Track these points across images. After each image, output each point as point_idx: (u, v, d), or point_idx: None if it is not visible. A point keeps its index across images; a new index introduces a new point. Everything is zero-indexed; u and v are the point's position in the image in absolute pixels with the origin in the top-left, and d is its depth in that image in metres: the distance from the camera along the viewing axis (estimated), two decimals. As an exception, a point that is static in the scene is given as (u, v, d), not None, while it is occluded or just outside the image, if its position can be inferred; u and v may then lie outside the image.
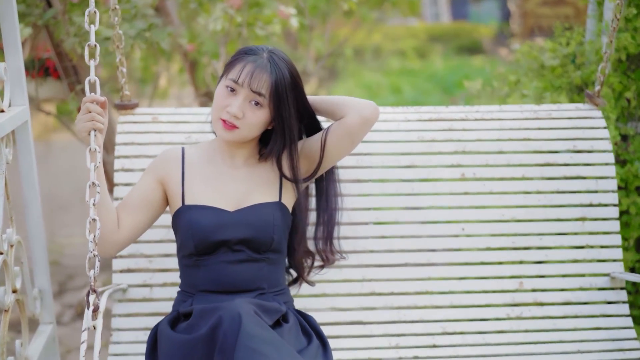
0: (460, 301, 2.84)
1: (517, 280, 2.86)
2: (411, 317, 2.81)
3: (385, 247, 2.85)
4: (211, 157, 2.43)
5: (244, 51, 2.35)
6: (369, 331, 2.78)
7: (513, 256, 2.88)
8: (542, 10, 5.81)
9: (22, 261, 2.67)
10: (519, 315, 2.83)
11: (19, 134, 2.69)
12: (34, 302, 2.80)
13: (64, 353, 3.97)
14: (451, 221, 2.89)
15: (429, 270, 2.85)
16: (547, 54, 3.57)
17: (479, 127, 2.98)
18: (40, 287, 2.85)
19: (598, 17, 3.53)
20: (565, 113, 3.04)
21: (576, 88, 3.40)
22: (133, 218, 2.35)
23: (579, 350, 2.76)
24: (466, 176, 2.91)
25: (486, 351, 2.76)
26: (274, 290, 2.36)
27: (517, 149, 2.95)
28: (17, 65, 2.66)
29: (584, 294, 2.86)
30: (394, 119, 2.99)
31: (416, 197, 2.89)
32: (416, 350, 2.75)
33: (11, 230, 2.50)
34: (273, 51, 2.35)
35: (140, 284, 2.77)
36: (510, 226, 2.89)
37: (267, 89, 2.29)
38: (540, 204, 2.91)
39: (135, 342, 2.71)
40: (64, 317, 4.54)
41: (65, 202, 6.88)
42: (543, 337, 2.80)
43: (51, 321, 2.90)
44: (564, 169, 2.94)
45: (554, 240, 2.89)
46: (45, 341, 2.79)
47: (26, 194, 2.77)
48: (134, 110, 2.95)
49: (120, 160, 2.84)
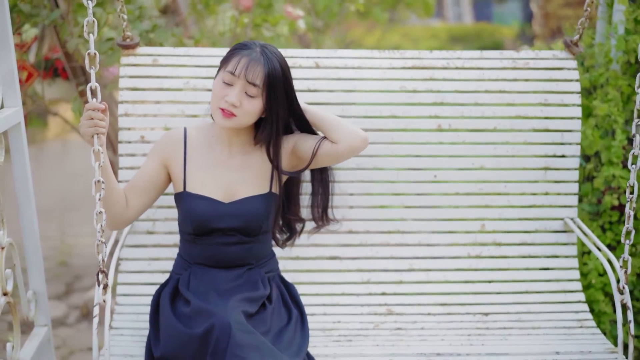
0: (427, 240, 3.16)
1: (480, 223, 3.18)
2: (382, 254, 3.15)
3: (364, 190, 3.14)
4: (210, 143, 2.66)
5: (238, 46, 2.54)
6: (344, 266, 3.13)
7: (478, 201, 3.17)
8: (564, 12, 5.59)
9: (15, 263, 2.72)
10: (478, 255, 3.17)
11: (12, 135, 2.76)
12: (28, 304, 2.86)
13: (67, 355, 4.12)
14: (425, 168, 3.15)
15: (401, 212, 3.16)
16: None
17: (459, 76, 3.17)
18: (34, 289, 2.92)
19: (607, 20, 3.56)
20: (541, 62, 3.21)
21: (584, 91, 3.46)
22: (140, 198, 2.62)
23: (527, 290, 3.13)
24: (442, 127, 3.14)
25: (447, 289, 3.12)
26: (261, 262, 2.68)
27: (492, 101, 3.16)
28: (10, 67, 2.70)
29: (539, 236, 3.19)
30: (380, 65, 3.16)
31: (394, 145, 3.13)
32: (384, 286, 3.12)
33: (1, 233, 2.56)
34: (265, 46, 2.54)
35: (144, 218, 3.07)
36: (479, 174, 3.16)
37: (260, 80, 2.49)
38: (508, 154, 3.17)
39: (140, 271, 3.05)
40: (69, 318, 4.61)
41: (78, 202, 6.84)
42: (498, 275, 3.16)
43: (46, 323, 2.98)
44: (534, 122, 3.17)
45: (517, 187, 3.18)
46: (39, 344, 2.85)
47: (20, 195, 2.84)
48: (135, 49, 3.10)
49: (124, 106, 3.05)
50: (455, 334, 2.93)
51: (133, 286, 3.04)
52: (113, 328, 2.87)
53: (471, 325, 3.00)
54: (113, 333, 2.83)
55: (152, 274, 3.04)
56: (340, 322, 2.99)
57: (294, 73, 3.03)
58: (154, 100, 3.06)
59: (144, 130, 3.05)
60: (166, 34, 3.76)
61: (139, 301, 2.98)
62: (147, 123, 3.05)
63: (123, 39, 3.09)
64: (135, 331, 2.85)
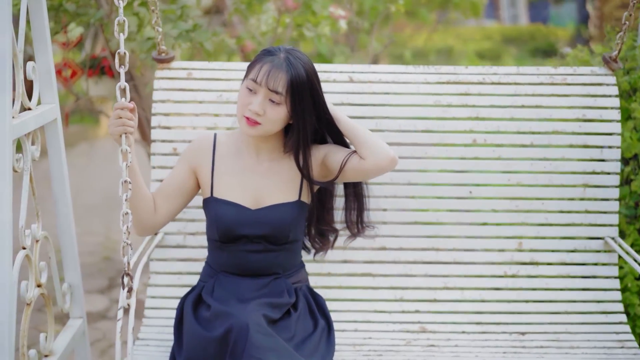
0: (462, 258, 3.09)
1: (517, 241, 3.10)
2: (416, 272, 3.08)
3: (397, 206, 3.08)
4: (239, 149, 2.62)
5: (263, 53, 2.50)
6: (376, 283, 3.07)
7: (515, 218, 3.10)
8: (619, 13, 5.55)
9: (50, 256, 2.78)
10: (515, 274, 3.08)
11: (48, 131, 2.79)
12: (63, 297, 2.89)
13: (107, 347, 4.19)
14: (460, 184, 3.09)
15: (436, 228, 3.09)
16: (597, 58, 3.55)
17: (494, 91, 3.12)
18: (70, 282, 2.95)
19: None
20: (580, 78, 3.15)
21: (625, 93, 3.40)
22: (169, 204, 2.60)
23: (566, 310, 3.03)
24: (478, 142, 3.08)
25: (482, 307, 3.04)
26: (288, 272, 2.62)
27: (528, 116, 3.10)
28: (47, 65, 2.73)
29: (578, 256, 3.09)
30: (415, 80, 3.13)
31: (428, 160, 3.08)
32: (418, 304, 3.04)
33: (36, 226, 2.59)
34: (290, 51, 2.49)
35: (174, 232, 3.05)
36: (515, 190, 3.09)
37: (283, 87, 2.44)
38: (545, 170, 3.09)
39: (170, 285, 3.03)
40: (111, 311, 4.70)
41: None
42: (535, 295, 3.06)
43: (81, 316, 3.01)
44: (572, 137, 3.10)
45: (555, 204, 3.10)
46: (72, 335, 2.88)
47: (55, 190, 2.86)
48: (170, 64, 3.12)
49: (157, 118, 3.06)
50: (490, 352, 2.84)
51: (161, 300, 3.01)
52: (139, 339, 2.83)
53: (507, 344, 2.90)
54: (139, 344, 2.79)
55: (181, 288, 3.00)
56: (371, 338, 2.91)
57: (328, 87, 3.03)
58: (188, 112, 3.06)
59: (176, 143, 3.05)
60: (207, 34, 3.77)
61: (166, 314, 2.95)
62: (180, 135, 3.05)
63: (158, 53, 3.11)
64: (161, 342, 2.82)
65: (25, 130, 2.48)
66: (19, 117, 2.43)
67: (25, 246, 2.48)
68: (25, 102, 2.54)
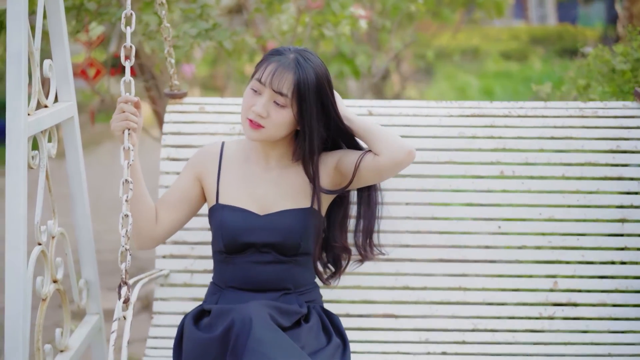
0: (492, 298, 2.86)
1: (552, 280, 2.87)
2: (442, 313, 2.85)
3: (420, 242, 2.89)
4: (247, 156, 2.49)
5: (271, 52, 2.39)
6: (399, 325, 2.84)
7: (549, 255, 2.88)
8: None
9: (66, 252, 2.75)
10: (552, 315, 2.84)
11: (65, 128, 2.77)
12: (79, 293, 2.85)
13: None
14: (488, 218, 2.90)
15: (462, 266, 2.88)
16: (619, 57, 3.46)
17: (521, 124, 2.97)
18: (86, 278, 2.90)
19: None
20: (611, 111, 3.00)
21: None
22: (171, 214, 2.44)
23: (610, 353, 2.77)
24: (505, 174, 2.91)
25: (516, 350, 2.79)
26: (300, 289, 2.43)
27: (558, 147, 2.94)
28: (64, 63, 2.72)
29: (620, 296, 2.85)
30: (436, 113, 3.00)
31: (453, 193, 2.91)
32: (445, 345, 2.80)
33: (52, 222, 2.56)
34: (301, 52, 2.36)
35: (181, 269, 2.88)
36: (547, 225, 2.89)
37: (288, 89, 2.31)
38: (579, 203, 2.89)
39: (175, 325, 2.80)
40: None
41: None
42: (575, 338, 2.81)
43: (97, 312, 2.96)
44: (605, 169, 2.92)
45: (592, 240, 2.88)
46: (89, 331, 2.83)
47: (72, 187, 2.83)
48: (182, 99, 3.04)
49: (167, 149, 2.95)
50: (525, 396, 2.57)
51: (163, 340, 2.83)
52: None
53: (544, 388, 2.63)
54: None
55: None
56: (394, 379, 2.67)
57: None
58: (199, 144, 2.94)
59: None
60: (225, 33, 3.70)
61: (167, 353, 2.76)
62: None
63: (170, 88, 3.04)
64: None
65: (41, 128, 2.44)
66: (35, 114, 2.40)
67: (41, 242, 2.44)
68: (42, 99, 2.51)
